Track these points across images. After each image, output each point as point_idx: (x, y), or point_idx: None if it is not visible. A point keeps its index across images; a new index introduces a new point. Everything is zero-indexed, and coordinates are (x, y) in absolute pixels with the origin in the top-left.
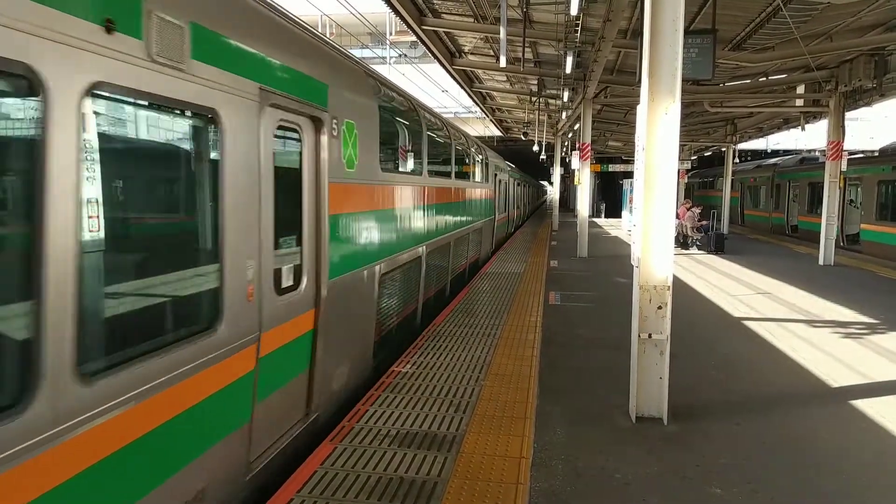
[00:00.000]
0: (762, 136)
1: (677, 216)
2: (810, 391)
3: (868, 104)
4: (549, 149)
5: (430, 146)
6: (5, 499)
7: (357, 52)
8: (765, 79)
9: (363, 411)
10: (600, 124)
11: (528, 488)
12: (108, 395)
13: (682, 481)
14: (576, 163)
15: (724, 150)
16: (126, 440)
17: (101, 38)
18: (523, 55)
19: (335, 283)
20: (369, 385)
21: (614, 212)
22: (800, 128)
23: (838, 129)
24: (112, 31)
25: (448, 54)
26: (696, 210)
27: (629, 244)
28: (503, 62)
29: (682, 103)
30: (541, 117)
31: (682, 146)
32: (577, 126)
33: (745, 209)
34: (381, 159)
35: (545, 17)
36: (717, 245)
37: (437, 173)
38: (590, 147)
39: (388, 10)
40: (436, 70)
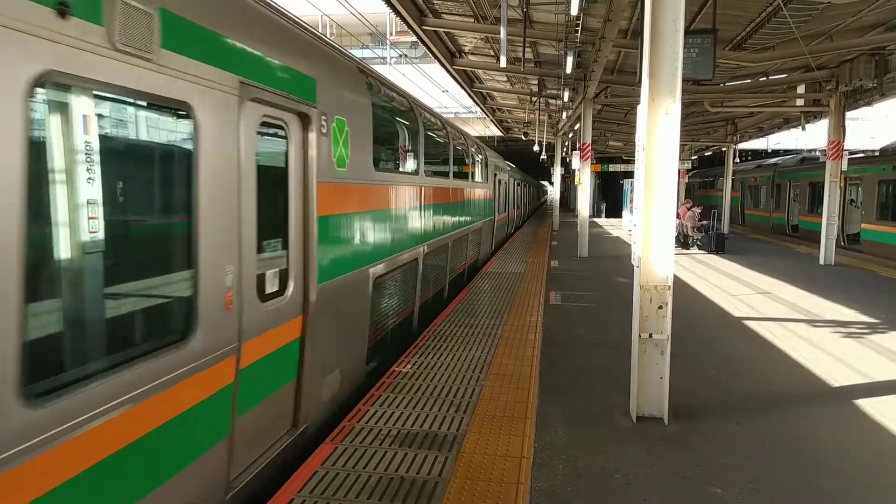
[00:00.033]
0: (762, 136)
1: (678, 216)
2: (811, 391)
3: (868, 104)
4: (550, 149)
5: (428, 145)
6: None
7: (357, 53)
8: (765, 79)
9: (364, 411)
10: (601, 124)
11: (528, 488)
12: (61, 417)
13: (682, 481)
14: (576, 163)
15: (724, 149)
16: (84, 465)
17: (54, 22)
18: (523, 55)
19: (325, 288)
20: (362, 393)
21: (615, 212)
22: (800, 127)
23: (839, 129)
24: (66, 16)
25: (448, 54)
26: (697, 210)
27: (630, 244)
28: (503, 62)
29: (682, 103)
30: (541, 117)
31: (682, 146)
32: (577, 126)
33: (745, 209)
34: (375, 158)
35: (545, 17)
36: (717, 245)
37: (434, 173)
38: (590, 147)
39: (388, 10)
40: (436, 70)
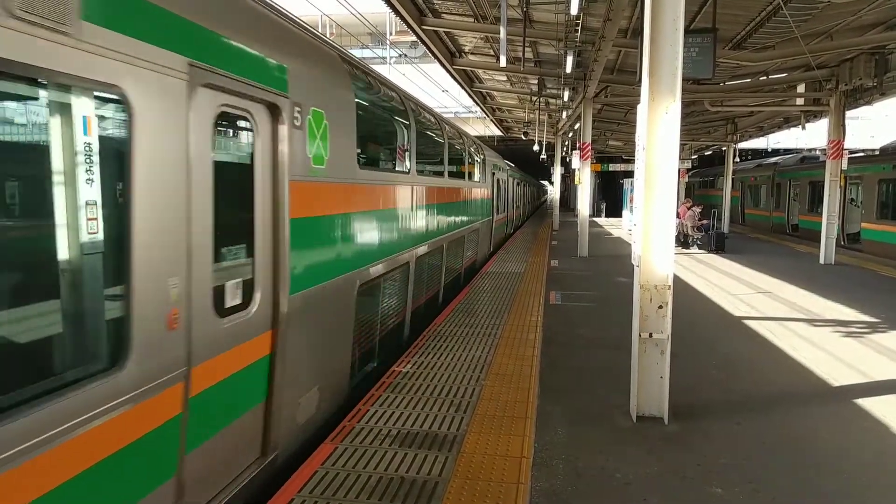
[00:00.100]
0: (762, 136)
1: (678, 215)
2: (811, 390)
3: (868, 103)
4: (550, 148)
5: (420, 142)
6: None
7: (357, 53)
8: (765, 78)
9: (364, 411)
10: (601, 124)
11: (528, 488)
12: None
13: (682, 481)
14: (576, 162)
15: (724, 149)
16: None
17: None
18: (523, 55)
19: (299, 299)
20: (345, 412)
21: (615, 211)
22: (800, 127)
23: (839, 128)
24: None
25: (448, 54)
26: (697, 209)
27: (630, 243)
28: (503, 62)
29: (682, 102)
30: (541, 117)
31: (682, 145)
32: (577, 125)
33: (745, 208)
34: (359, 155)
35: (545, 16)
36: (717, 244)
37: (427, 172)
38: (590, 146)
39: (388, 10)
40: (436, 70)
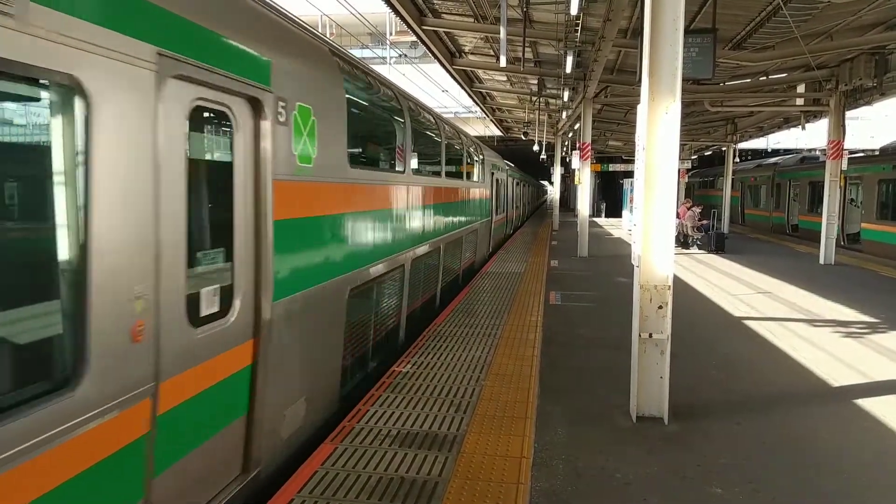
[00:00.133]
0: (762, 136)
1: (678, 215)
2: (811, 391)
3: (868, 103)
4: (550, 148)
5: (416, 141)
6: None
7: (357, 53)
8: (765, 78)
9: (364, 411)
10: (600, 124)
11: (528, 488)
12: None
13: (682, 481)
14: (576, 162)
15: (724, 149)
16: None
17: None
18: (523, 55)
19: (283, 305)
20: (335, 423)
21: (615, 211)
22: (800, 127)
23: (839, 128)
24: None
25: (448, 54)
26: (697, 209)
27: (630, 244)
28: (503, 62)
29: (682, 103)
30: (541, 117)
31: (682, 145)
32: (577, 126)
33: (745, 208)
34: (350, 154)
35: (545, 16)
36: (717, 244)
37: (424, 172)
38: (590, 147)
39: (388, 10)
40: (436, 70)
